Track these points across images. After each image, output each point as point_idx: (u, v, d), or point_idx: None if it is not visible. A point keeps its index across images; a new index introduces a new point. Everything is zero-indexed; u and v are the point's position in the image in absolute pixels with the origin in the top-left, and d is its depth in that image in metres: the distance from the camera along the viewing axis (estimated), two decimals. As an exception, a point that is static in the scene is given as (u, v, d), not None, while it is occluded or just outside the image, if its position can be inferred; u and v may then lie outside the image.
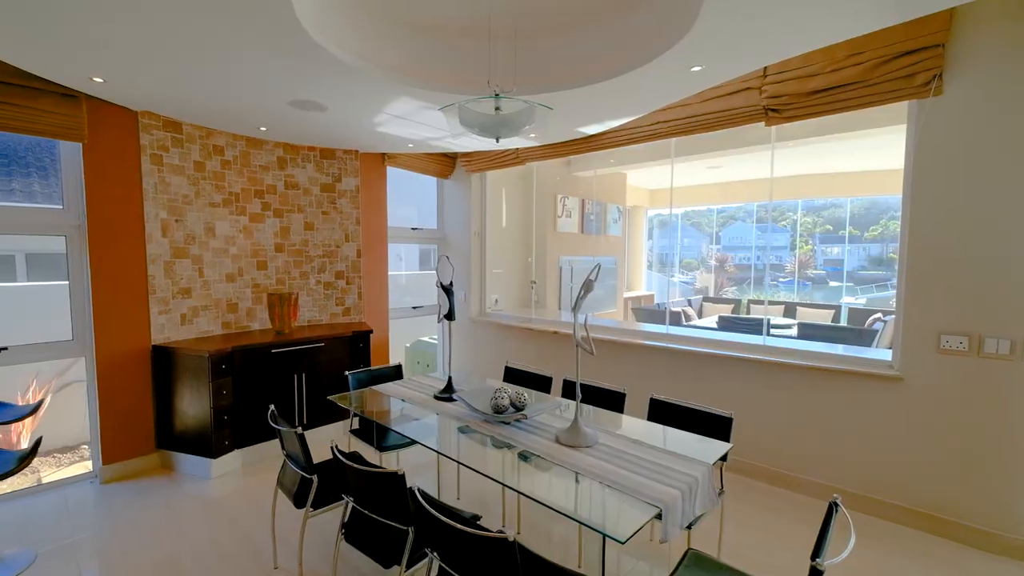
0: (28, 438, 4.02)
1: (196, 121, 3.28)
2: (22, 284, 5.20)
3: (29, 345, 2.91)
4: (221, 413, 3.11)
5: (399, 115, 3.08)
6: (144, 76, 2.52)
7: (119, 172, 3.04)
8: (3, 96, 2.58)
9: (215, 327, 3.55)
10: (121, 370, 3.11)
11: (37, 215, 2.95)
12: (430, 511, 1.36)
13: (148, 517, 2.70)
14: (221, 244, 3.54)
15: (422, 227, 5.03)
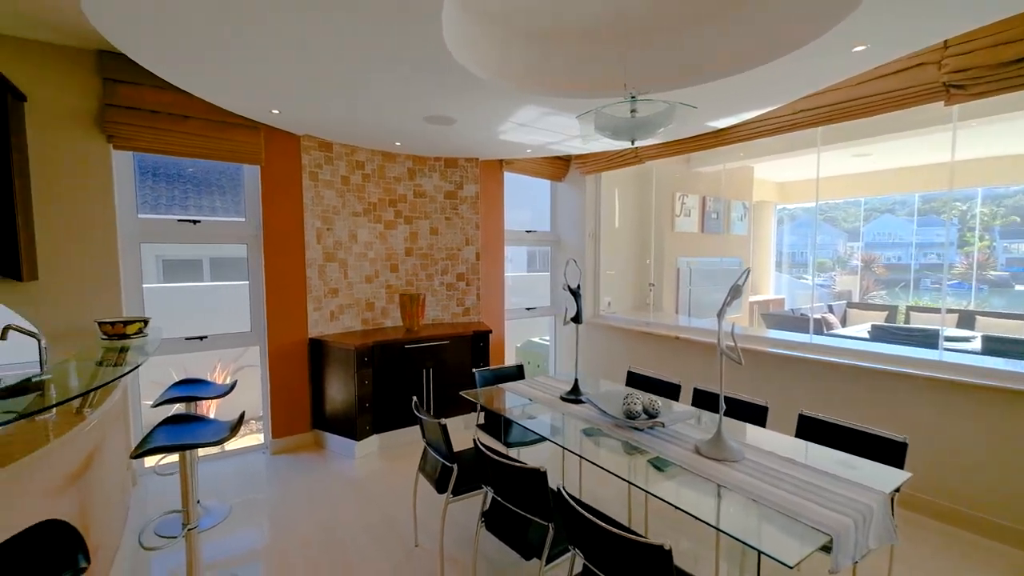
0: (211, 411, 4.90)
1: (343, 140, 3.75)
2: (207, 284, 6.40)
3: (220, 335, 3.56)
4: (363, 401, 3.51)
5: (522, 123, 3.21)
6: (309, 106, 2.94)
7: (285, 188, 3.58)
8: (208, 131, 3.20)
9: (356, 323, 4.02)
10: (286, 358, 3.66)
11: (229, 227, 3.59)
12: (584, 515, 1.41)
13: (306, 487, 3.14)
14: (361, 249, 3.99)
15: (536, 230, 5.16)
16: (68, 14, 2.46)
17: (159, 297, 5.34)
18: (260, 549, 2.50)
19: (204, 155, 3.22)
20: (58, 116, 2.82)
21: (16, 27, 2.61)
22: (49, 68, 2.78)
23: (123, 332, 2.43)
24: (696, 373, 3.85)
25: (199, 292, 5.74)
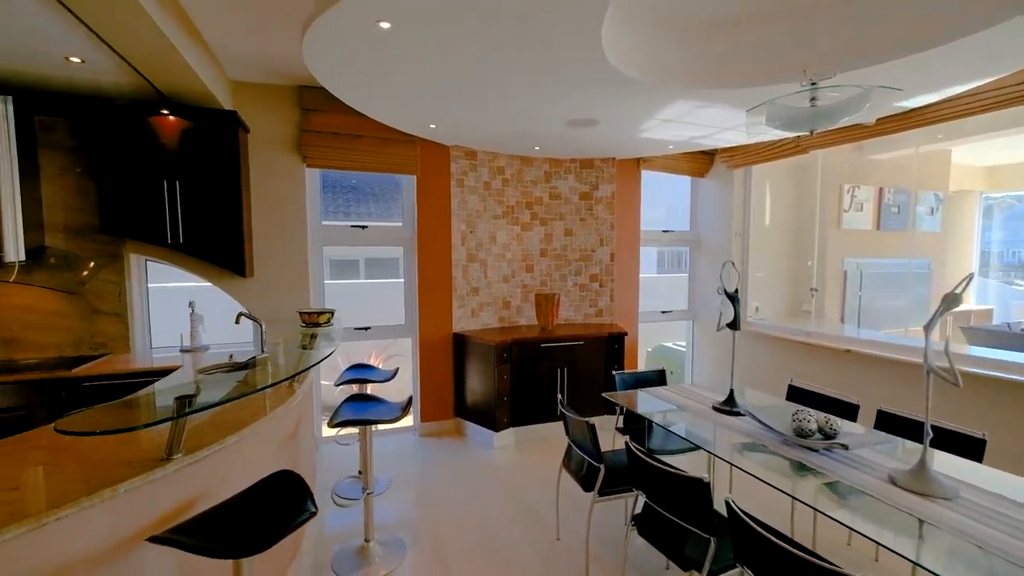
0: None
1: (486, 148, 4.01)
2: (362, 281, 7.37)
3: (380, 326, 4.06)
4: (502, 394, 3.72)
5: (668, 118, 3.11)
6: (462, 119, 3.21)
7: (436, 195, 3.94)
8: (376, 147, 3.66)
9: (493, 321, 4.27)
10: (433, 350, 4.03)
11: (389, 231, 4.08)
12: (780, 545, 1.33)
13: (451, 469, 3.43)
14: (500, 250, 4.23)
15: (673, 229, 4.95)
16: (287, 63, 3.02)
17: (329, 292, 6.26)
18: (416, 519, 2.80)
19: (372, 168, 3.70)
20: (269, 142, 3.48)
21: (245, 75, 3.29)
22: (264, 104, 3.44)
23: (317, 321, 2.92)
24: (873, 393, 3.34)
25: (357, 288, 6.62)
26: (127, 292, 3.28)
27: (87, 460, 1.54)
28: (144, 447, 1.63)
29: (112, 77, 2.76)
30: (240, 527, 1.40)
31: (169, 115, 2.98)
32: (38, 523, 1.22)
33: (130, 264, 3.29)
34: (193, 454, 1.60)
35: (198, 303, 3.52)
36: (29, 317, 3.11)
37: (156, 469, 1.49)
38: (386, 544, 2.52)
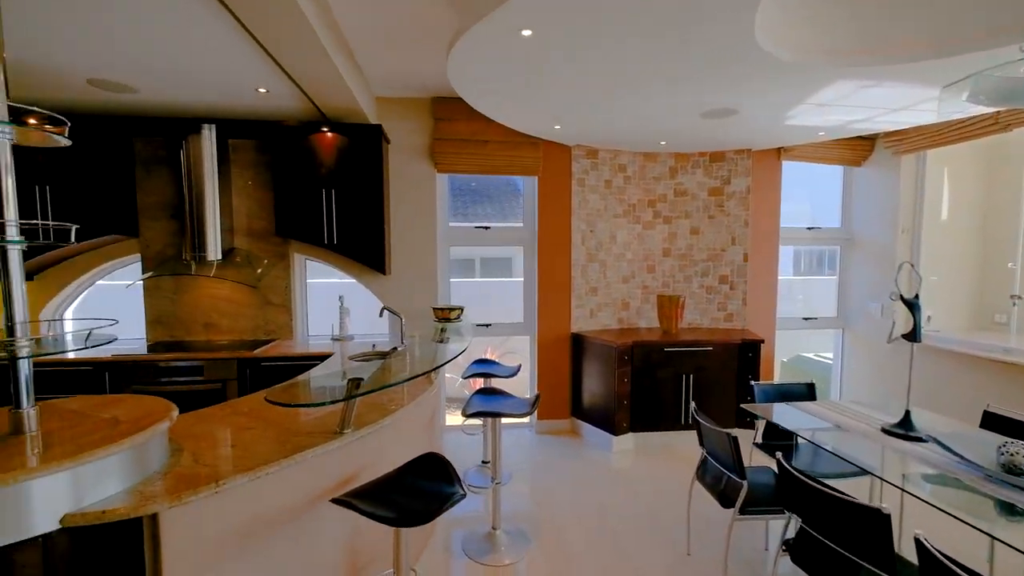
0: (483, 388, 5.84)
1: (608, 146, 3.95)
2: (477, 280, 7.76)
3: (500, 324, 4.22)
4: (622, 398, 3.65)
5: (823, 103, 2.79)
6: (590, 119, 3.20)
7: (557, 195, 3.99)
8: (501, 151, 3.82)
9: (612, 322, 4.20)
10: (551, 349, 4.09)
11: (510, 232, 4.23)
12: None
13: (569, 468, 3.44)
14: (620, 250, 4.15)
15: (820, 226, 4.43)
16: (424, 77, 3.29)
17: (452, 290, 6.69)
18: (537, 514, 2.86)
19: (497, 171, 3.86)
20: (405, 150, 3.80)
21: (386, 91, 3.64)
22: (402, 116, 3.78)
23: (448, 316, 3.13)
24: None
25: (474, 286, 6.96)
26: (292, 287, 3.82)
27: (278, 427, 1.83)
28: (320, 421, 1.89)
29: (287, 103, 3.24)
30: (403, 500, 1.55)
31: (328, 132, 3.42)
32: (256, 475, 1.48)
33: (294, 262, 3.84)
34: (359, 430, 1.82)
35: (336, 298, 4.00)
36: (222, 306, 3.77)
37: (333, 440, 1.72)
38: (511, 534, 2.61)
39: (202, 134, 3.36)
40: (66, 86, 2.93)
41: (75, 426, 1.43)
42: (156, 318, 3.69)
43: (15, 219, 1.35)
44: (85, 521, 1.24)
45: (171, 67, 2.67)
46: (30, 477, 1.17)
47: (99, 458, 1.28)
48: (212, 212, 3.44)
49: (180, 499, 1.33)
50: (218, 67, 2.66)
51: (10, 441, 1.32)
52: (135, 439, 1.36)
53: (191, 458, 1.55)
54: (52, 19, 2.12)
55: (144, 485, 1.38)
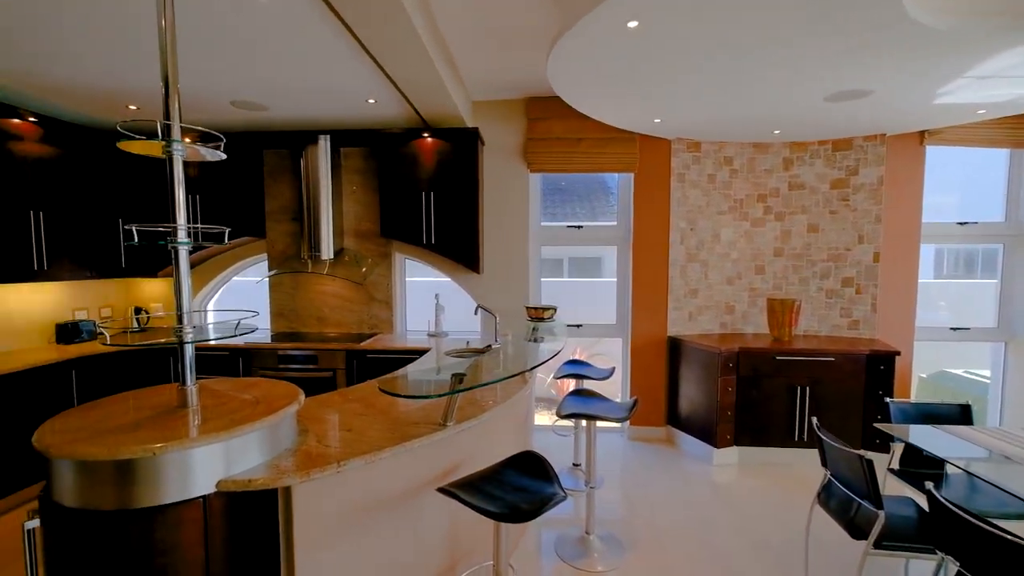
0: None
1: (713, 138, 3.72)
2: (565, 279, 7.73)
3: (592, 324, 4.15)
4: (725, 408, 3.41)
5: (988, 74, 2.38)
6: (695, 110, 3.03)
7: (654, 192, 3.84)
8: (595, 148, 3.76)
9: (713, 326, 3.94)
10: (646, 353, 3.94)
11: (603, 231, 4.15)
12: None
13: (665, 478, 3.28)
14: (724, 249, 3.88)
15: (974, 220, 3.80)
16: (519, 78, 3.33)
17: (541, 289, 6.74)
18: (631, 522, 2.76)
19: (591, 169, 3.81)
20: (499, 151, 3.88)
21: (482, 94, 3.74)
22: (496, 118, 3.86)
23: (541, 316, 3.14)
24: None
25: (563, 286, 6.94)
26: (393, 284, 4.08)
27: (386, 416, 1.95)
28: (424, 413, 1.98)
29: (392, 111, 3.47)
30: (504, 495, 1.58)
31: (428, 137, 3.59)
32: (371, 458, 1.59)
33: (395, 261, 4.09)
34: (460, 424, 1.88)
35: (431, 296, 4.19)
36: (333, 301, 4.13)
37: (437, 432, 1.79)
38: (605, 540, 2.55)
39: (319, 144, 3.70)
40: (213, 108, 3.39)
41: (224, 404, 1.64)
42: (278, 311, 4.14)
43: (184, 224, 1.58)
44: (235, 487, 1.41)
45: (297, 86, 2.97)
46: (195, 445, 1.36)
47: (245, 433, 1.45)
48: (326, 215, 3.78)
49: (309, 475, 1.46)
50: (335, 83, 2.91)
51: (178, 412, 1.55)
52: (272, 418, 1.53)
53: (315, 439, 1.71)
54: (206, 54, 2.46)
55: (278, 460, 1.54)
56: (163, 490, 1.34)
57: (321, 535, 1.56)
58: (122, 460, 1.29)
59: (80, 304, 3.89)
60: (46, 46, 2.39)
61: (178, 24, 2.02)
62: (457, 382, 1.79)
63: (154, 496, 1.33)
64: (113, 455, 1.27)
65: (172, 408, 1.58)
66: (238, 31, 2.26)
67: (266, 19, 2.15)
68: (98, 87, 2.95)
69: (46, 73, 2.73)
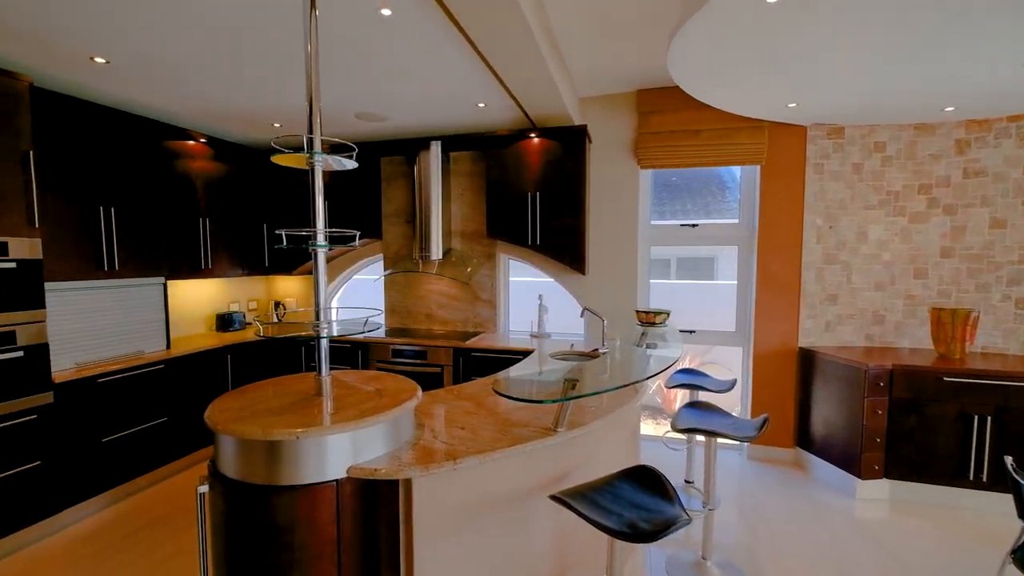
0: (678, 401, 5.47)
1: (859, 121, 3.24)
2: (673, 281, 7.31)
3: (708, 331, 3.86)
4: (873, 434, 2.96)
5: None
6: (842, 87, 2.66)
7: (785, 186, 3.45)
8: (715, 140, 3.48)
9: (857, 338, 3.44)
10: (770, 365, 3.57)
11: (722, 229, 3.84)
12: None
13: (791, 507, 2.93)
14: (872, 249, 3.37)
15: None
16: (630, 71, 3.20)
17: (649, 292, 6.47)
18: (755, 552, 2.49)
19: (710, 163, 3.53)
20: (606, 148, 3.77)
21: (588, 90, 3.66)
22: (604, 114, 3.75)
23: (653, 321, 2.98)
24: None
25: (670, 288, 6.57)
26: (497, 284, 4.16)
27: (496, 416, 1.97)
28: (533, 415, 1.96)
29: (500, 114, 3.53)
30: (620, 510, 1.50)
31: (535, 138, 3.60)
32: (484, 458, 1.60)
33: (499, 262, 4.16)
34: (571, 431, 1.83)
35: (533, 297, 4.19)
36: (440, 299, 4.32)
37: (548, 437, 1.76)
38: (724, 568, 2.34)
39: (430, 150, 3.89)
40: (340, 121, 3.73)
41: (352, 394, 1.77)
42: (391, 308, 4.44)
43: (323, 228, 1.73)
44: (363, 475, 1.51)
45: (414, 95, 3.15)
46: (331, 432, 1.48)
47: (372, 424, 1.55)
48: (436, 217, 3.97)
49: (428, 469, 1.52)
50: (449, 90, 3.03)
51: (315, 400, 1.70)
52: (395, 412, 1.61)
53: (431, 434, 1.78)
54: (338, 72, 2.70)
55: (399, 452, 1.62)
56: (304, 471, 1.47)
57: (437, 527, 1.61)
58: (272, 440, 1.44)
59: (233, 297, 4.53)
60: (213, 76, 2.79)
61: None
62: (570, 388, 1.75)
63: (296, 475, 1.47)
64: (266, 435, 1.43)
65: (310, 396, 1.75)
66: (357, 44, 2.44)
67: (388, 32, 2.29)
68: (250, 108, 3.39)
69: (211, 99, 3.20)
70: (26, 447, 2.58)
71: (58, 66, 2.66)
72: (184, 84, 2.93)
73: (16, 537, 2.54)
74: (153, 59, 2.58)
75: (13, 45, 2.41)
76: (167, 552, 2.53)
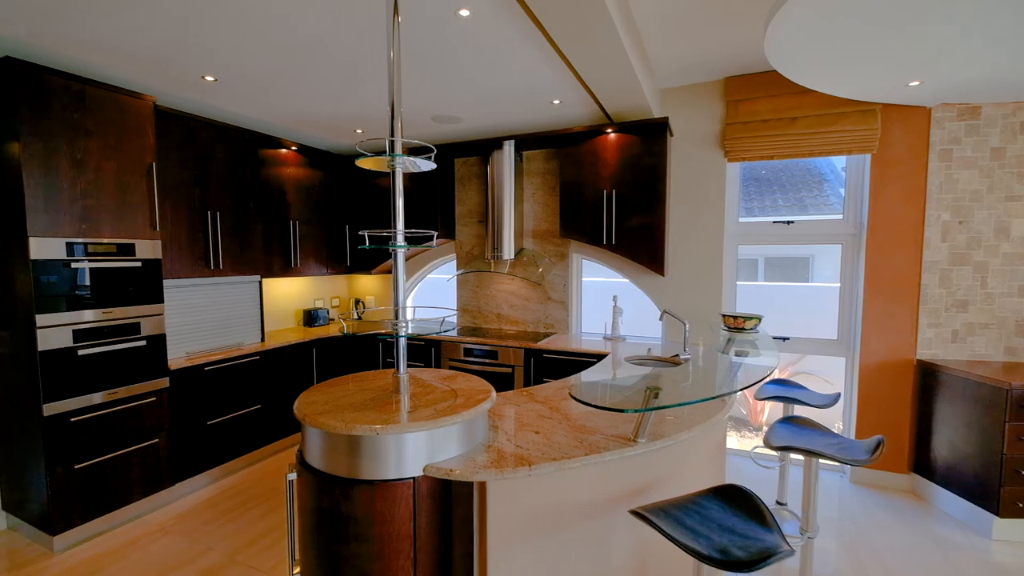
0: (765, 413, 5.07)
1: (1003, 98, 2.79)
2: (760, 283, 6.79)
3: (804, 339, 3.52)
4: (1014, 464, 2.53)
5: None
6: (977, 61, 2.30)
7: (902, 176, 3.06)
8: (816, 127, 3.16)
9: (994, 351, 2.97)
10: (880, 378, 3.18)
11: (823, 226, 3.48)
12: None
13: (908, 541, 2.58)
14: (1016, 248, 2.89)
15: None
16: (716, 59, 2.99)
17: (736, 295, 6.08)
18: (866, 596, 2.23)
19: (809, 153, 3.21)
20: (688, 141, 3.55)
21: (670, 81, 3.47)
22: (685, 105, 3.54)
23: (741, 326, 2.76)
24: None
25: (758, 292, 6.10)
26: (569, 284, 4.08)
27: (570, 421, 1.90)
28: (610, 422, 1.87)
29: (575, 110, 3.45)
30: (710, 533, 1.38)
31: (611, 133, 3.48)
32: (560, 465, 1.55)
33: (572, 261, 4.08)
34: (652, 442, 1.73)
35: (606, 298, 4.04)
36: (512, 300, 4.32)
37: (627, 448, 1.67)
38: (825, 608, 2.11)
39: (503, 149, 3.90)
40: (416, 124, 3.84)
41: (429, 393, 1.79)
42: (463, 306, 4.51)
43: (402, 229, 1.77)
44: (438, 474, 1.52)
45: (488, 96, 3.16)
46: (408, 430, 1.50)
47: (448, 425, 1.55)
48: (508, 217, 3.97)
49: (503, 473, 1.49)
50: (525, 87, 3.01)
51: (393, 397, 1.74)
52: (470, 413, 1.61)
53: (505, 437, 1.75)
54: (416, 77, 2.77)
55: (474, 453, 1.61)
56: (383, 467, 1.50)
57: (511, 532, 1.58)
58: (353, 435, 1.49)
59: (318, 295, 4.84)
60: (298, 87, 2.98)
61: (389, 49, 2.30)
62: (652, 396, 1.65)
63: (375, 470, 1.51)
64: (348, 430, 1.47)
65: (388, 392, 1.79)
66: (435, 47, 2.47)
67: (465, 32, 2.30)
68: (333, 115, 3.59)
69: (299, 108, 3.42)
70: (147, 425, 2.91)
71: (176, 86, 2.97)
72: (275, 95, 3.15)
73: (138, 505, 2.87)
74: (249, 74, 2.80)
75: (140, 69, 2.72)
76: (261, 529, 2.73)
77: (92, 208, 2.65)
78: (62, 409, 2.54)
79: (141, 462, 2.88)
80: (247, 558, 2.48)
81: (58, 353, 2.52)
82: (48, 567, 2.43)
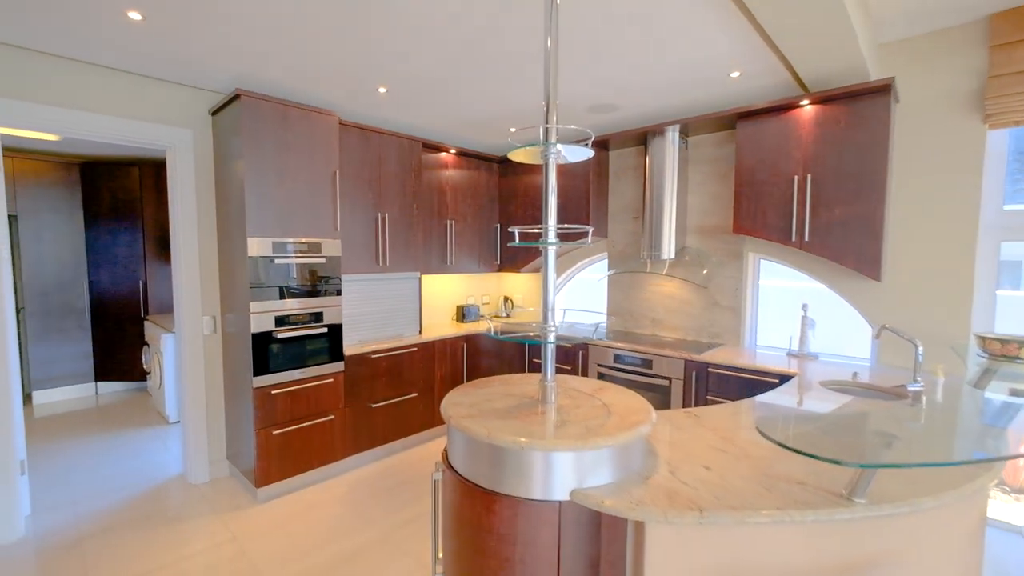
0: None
1: None
2: (1021, 295, 5.07)
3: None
4: None
5: None
6: None
7: None
8: None
9: None
10: None
11: None
12: None
13: None
14: None
15: None
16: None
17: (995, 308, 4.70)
18: None
19: None
20: (922, 107, 2.76)
21: (901, 30, 2.70)
22: (918, 61, 2.74)
23: (1015, 354, 2.01)
24: None
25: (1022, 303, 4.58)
26: (743, 288, 3.53)
27: (752, 459, 1.54)
28: (809, 468, 1.45)
29: (758, 82, 2.94)
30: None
31: (807, 105, 2.88)
32: (742, 517, 1.24)
33: (747, 262, 3.52)
34: (878, 505, 1.29)
35: (787, 305, 3.35)
36: (669, 304, 3.92)
37: (837, 508, 1.27)
38: None
39: (665, 136, 3.53)
40: (570, 117, 3.70)
41: (579, 406, 1.62)
42: (613, 309, 4.24)
43: (554, 225, 1.62)
44: (587, 502, 1.33)
45: (652, 78, 2.87)
46: (555, 448, 1.34)
47: (600, 447, 1.35)
48: (669, 212, 3.59)
49: (666, 516, 1.24)
50: (696, 61, 2.64)
51: (539, 408, 1.60)
52: (626, 436, 1.39)
53: (667, 468, 1.49)
54: (572, 66, 2.61)
55: (628, 484, 1.38)
56: (527, 484, 1.38)
57: (673, 591, 1.32)
58: (495, 444, 1.39)
59: (470, 292, 5.04)
60: (458, 90, 3.06)
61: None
62: (885, 446, 1.22)
63: (518, 487, 1.39)
64: (490, 439, 1.38)
65: (535, 400, 1.66)
66: (598, 31, 2.27)
67: (631, 7, 2.06)
68: (487, 115, 3.65)
69: (457, 111, 3.55)
70: (326, 403, 3.29)
71: (355, 100, 3.31)
72: (439, 98, 3.30)
73: (316, 472, 3.27)
74: (415, 82, 2.96)
75: (328, 88, 3.08)
76: (412, 514, 2.88)
77: (290, 212, 3.08)
78: (265, 383, 3.00)
79: (320, 435, 3.27)
80: (399, 540, 2.62)
81: (263, 336, 2.98)
82: (255, 514, 2.89)
